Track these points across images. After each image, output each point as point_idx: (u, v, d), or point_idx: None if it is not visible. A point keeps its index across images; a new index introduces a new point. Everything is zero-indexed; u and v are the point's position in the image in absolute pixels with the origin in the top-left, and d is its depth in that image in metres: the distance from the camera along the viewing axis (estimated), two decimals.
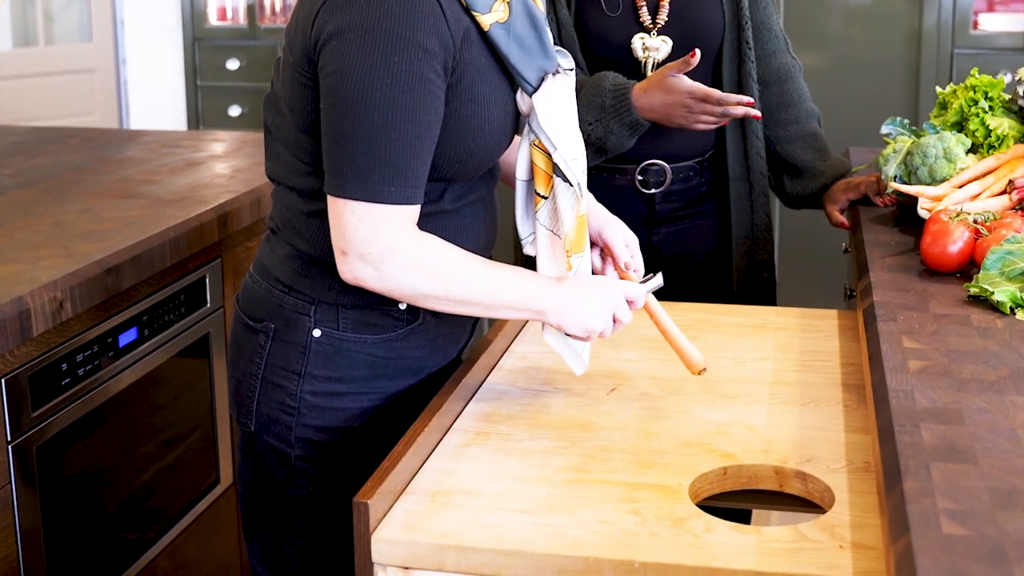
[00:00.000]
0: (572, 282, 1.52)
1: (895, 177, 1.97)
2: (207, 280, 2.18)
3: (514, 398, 1.64)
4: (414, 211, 1.43)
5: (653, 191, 2.13)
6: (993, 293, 1.56)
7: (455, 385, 1.60)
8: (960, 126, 2.00)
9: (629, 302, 1.56)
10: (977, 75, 2.00)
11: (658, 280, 1.61)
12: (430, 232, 1.48)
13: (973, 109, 1.96)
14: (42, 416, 1.75)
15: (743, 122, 2.15)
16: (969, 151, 1.97)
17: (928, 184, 1.92)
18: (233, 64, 4.38)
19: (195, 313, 2.15)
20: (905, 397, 1.29)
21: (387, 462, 1.39)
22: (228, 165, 2.58)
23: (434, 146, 1.43)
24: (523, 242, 1.61)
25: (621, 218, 2.14)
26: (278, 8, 4.52)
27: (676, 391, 1.64)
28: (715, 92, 1.90)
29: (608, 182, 2.14)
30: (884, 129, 2.02)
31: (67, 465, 1.83)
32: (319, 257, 1.52)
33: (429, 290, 1.44)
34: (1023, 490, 1.07)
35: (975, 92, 1.97)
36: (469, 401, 1.63)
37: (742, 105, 1.89)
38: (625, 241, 1.66)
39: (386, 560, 1.30)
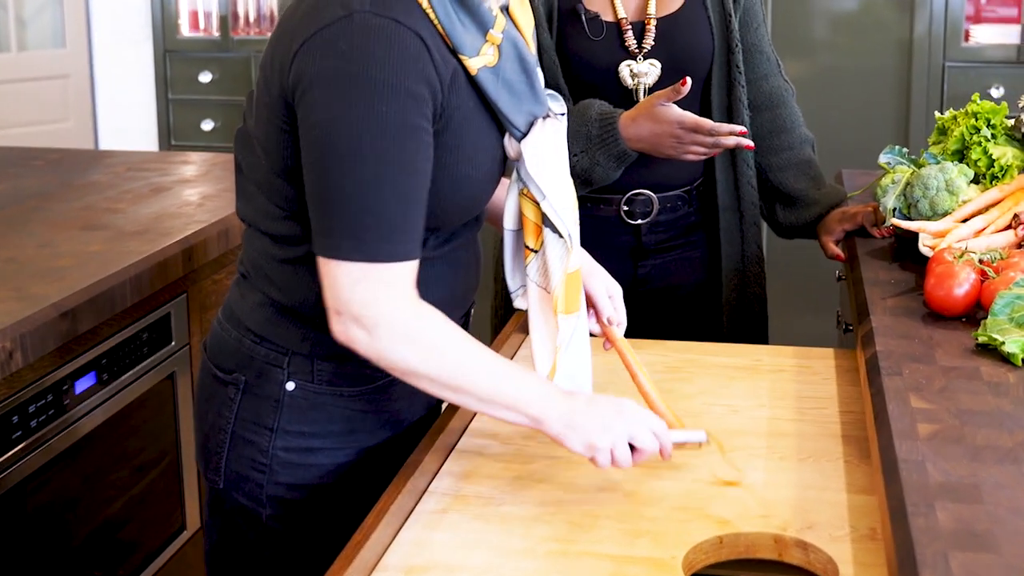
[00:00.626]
0: (587, 398, 1.38)
1: (894, 210, 1.87)
2: (172, 317, 2.07)
3: (495, 452, 1.54)
4: (413, 267, 1.32)
5: (639, 222, 2.03)
6: (1003, 343, 1.46)
7: (432, 440, 1.50)
8: (961, 155, 1.91)
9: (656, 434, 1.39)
10: (979, 100, 1.91)
11: (699, 435, 1.45)
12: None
13: (975, 137, 1.87)
14: None
15: (733, 150, 2.05)
16: (972, 181, 1.88)
17: (928, 217, 1.83)
18: (205, 77, 4.26)
19: (159, 352, 2.05)
20: (917, 469, 1.19)
21: (358, 535, 1.29)
22: (196, 191, 2.47)
23: (427, 196, 1.33)
24: (512, 295, 1.51)
25: (606, 250, 2.05)
26: (252, 19, 4.40)
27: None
28: (706, 122, 1.80)
29: (592, 212, 2.04)
30: (882, 158, 1.93)
31: (23, 517, 1.72)
32: (293, 306, 1.42)
33: (422, 368, 1.33)
34: None
35: (977, 119, 1.88)
36: (447, 457, 1.53)
37: (734, 135, 1.80)
38: (608, 293, 1.57)
39: None
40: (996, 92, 3.20)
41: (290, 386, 1.43)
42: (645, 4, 1.98)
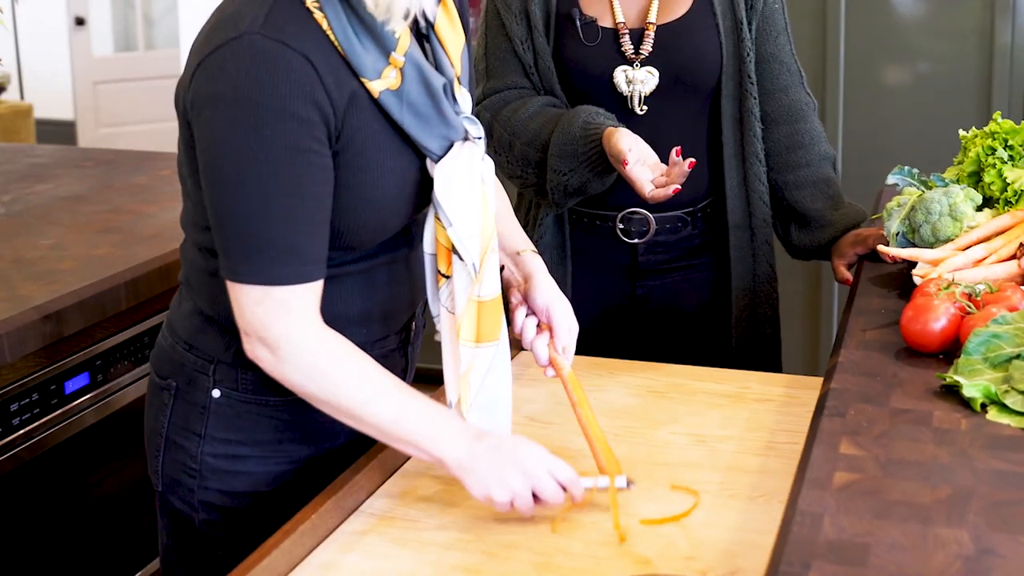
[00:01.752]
0: (494, 441, 1.34)
1: (898, 235, 1.76)
2: None
3: (440, 474, 1.50)
4: (314, 289, 1.32)
5: (636, 241, 1.96)
6: (964, 386, 1.35)
7: (370, 459, 1.48)
8: (978, 177, 1.78)
9: (563, 486, 1.34)
10: (1000, 119, 1.78)
11: (618, 483, 1.38)
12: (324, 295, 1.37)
13: (990, 159, 1.74)
14: None
15: (744, 165, 1.95)
16: (985, 206, 1.75)
17: (931, 244, 1.71)
18: None
19: None
20: (811, 524, 1.11)
21: (255, 555, 1.28)
22: None
23: (328, 218, 1.33)
24: (435, 320, 1.48)
25: (604, 267, 1.99)
26: None
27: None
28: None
29: (589, 227, 1.98)
30: (890, 179, 1.82)
31: (11, 510, 1.77)
32: (216, 316, 1.43)
33: (320, 395, 1.33)
34: None
35: (994, 139, 1.75)
36: (392, 475, 1.50)
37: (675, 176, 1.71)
38: (568, 326, 1.52)
39: None
40: None
41: (216, 393, 1.44)
42: (646, 10, 1.91)
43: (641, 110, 1.90)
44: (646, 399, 1.72)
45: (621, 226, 1.95)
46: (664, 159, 1.83)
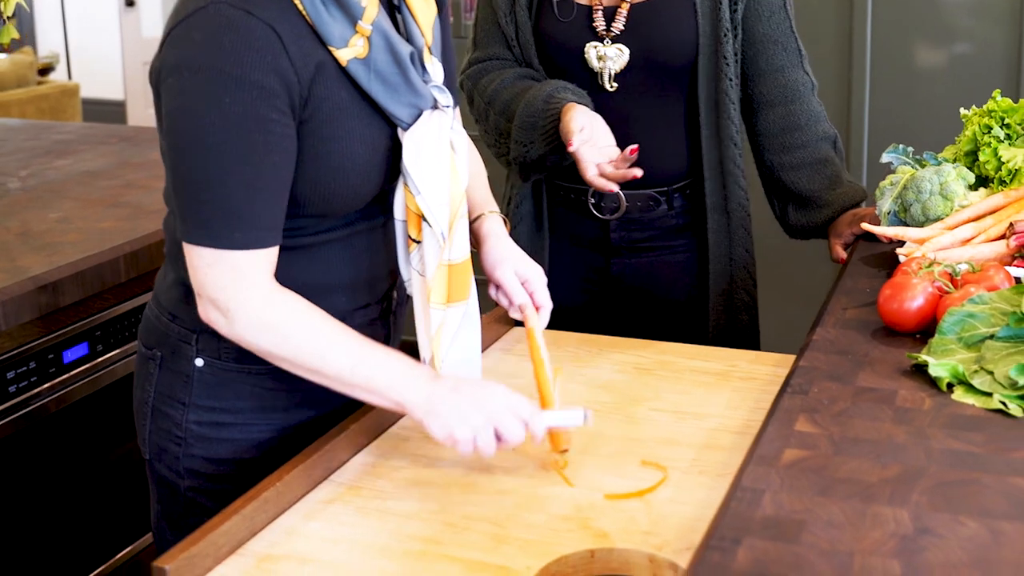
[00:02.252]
0: (452, 382, 1.36)
1: (889, 213, 1.73)
2: None
3: (414, 445, 1.51)
4: (267, 255, 1.35)
5: (608, 217, 1.95)
6: (931, 365, 1.33)
7: (342, 431, 1.49)
8: (975, 155, 1.75)
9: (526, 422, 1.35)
10: (999, 97, 1.74)
11: (575, 415, 1.38)
12: (294, 266, 1.39)
13: (986, 138, 1.70)
14: None
15: (719, 145, 1.93)
16: (981, 185, 1.72)
17: (922, 223, 1.68)
18: None
19: None
20: (751, 499, 1.10)
21: (213, 521, 1.29)
22: None
23: (287, 187, 1.35)
24: (405, 284, 1.49)
25: (579, 241, 1.99)
26: None
27: (590, 450, 1.47)
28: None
29: (564, 200, 1.98)
30: (885, 157, 1.79)
31: (6, 477, 1.81)
32: None
33: (277, 352, 1.36)
34: None
35: (991, 117, 1.71)
36: (368, 445, 1.51)
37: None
38: (522, 278, 1.52)
39: None
40: None
41: (199, 362, 1.47)
42: None
43: (611, 87, 1.90)
44: (632, 375, 1.71)
45: (592, 200, 1.94)
46: (638, 137, 1.83)
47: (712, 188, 1.93)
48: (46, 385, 1.88)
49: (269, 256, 1.33)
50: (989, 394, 1.29)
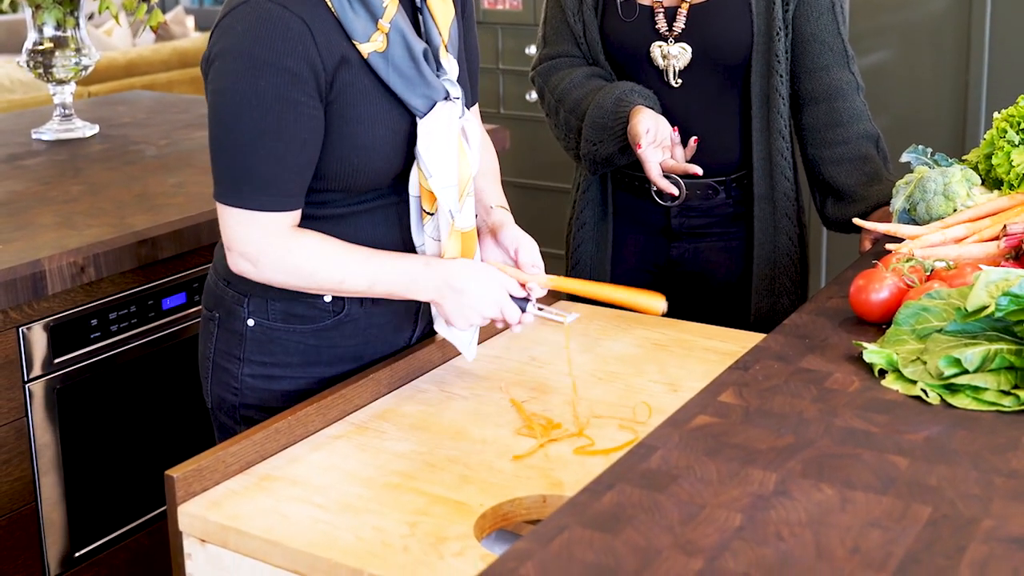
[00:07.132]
0: (460, 284, 1.57)
1: (900, 211, 1.80)
2: None
3: (426, 399, 1.69)
4: (290, 216, 1.56)
5: (668, 204, 2.08)
6: (866, 350, 1.42)
7: (363, 378, 1.68)
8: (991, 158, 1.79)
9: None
10: (1022, 103, 1.78)
11: (562, 316, 1.62)
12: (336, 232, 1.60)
13: (1000, 141, 1.74)
14: (67, 363, 2.02)
15: (769, 138, 2.04)
16: (997, 188, 1.76)
17: (926, 222, 1.74)
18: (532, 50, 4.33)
19: None
20: (644, 454, 1.23)
21: (226, 443, 1.51)
22: None
23: (313, 161, 1.56)
24: (417, 250, 1.67)
25: (642, 226, 2.13)
26: None
27: (579, 411, 1.60)
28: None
29: (629, 186, 2.12)
30: (904, 157, 1.85)
31: (89, 407, 2.09)
32: None
33: (301, 285, 1.59)
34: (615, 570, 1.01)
35: (1009, 121, 1.75)
36: (389, 393, 1.69)
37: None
38: (532, 259, 1.66)
39: (188, 531, 1.43)
40: None
41: (251, 323, 1.68)
42: None
43: (676, 83, 2.02)
44: (646, 350, 1.84)
45: (655, 189, 2.07)
46: (698, 130, 1.96)
47: (760, 178, 2.05)
48: (145, 327, 2.15)
49: (292, 216, 1.55)
50: (915, 382, 1.37)
